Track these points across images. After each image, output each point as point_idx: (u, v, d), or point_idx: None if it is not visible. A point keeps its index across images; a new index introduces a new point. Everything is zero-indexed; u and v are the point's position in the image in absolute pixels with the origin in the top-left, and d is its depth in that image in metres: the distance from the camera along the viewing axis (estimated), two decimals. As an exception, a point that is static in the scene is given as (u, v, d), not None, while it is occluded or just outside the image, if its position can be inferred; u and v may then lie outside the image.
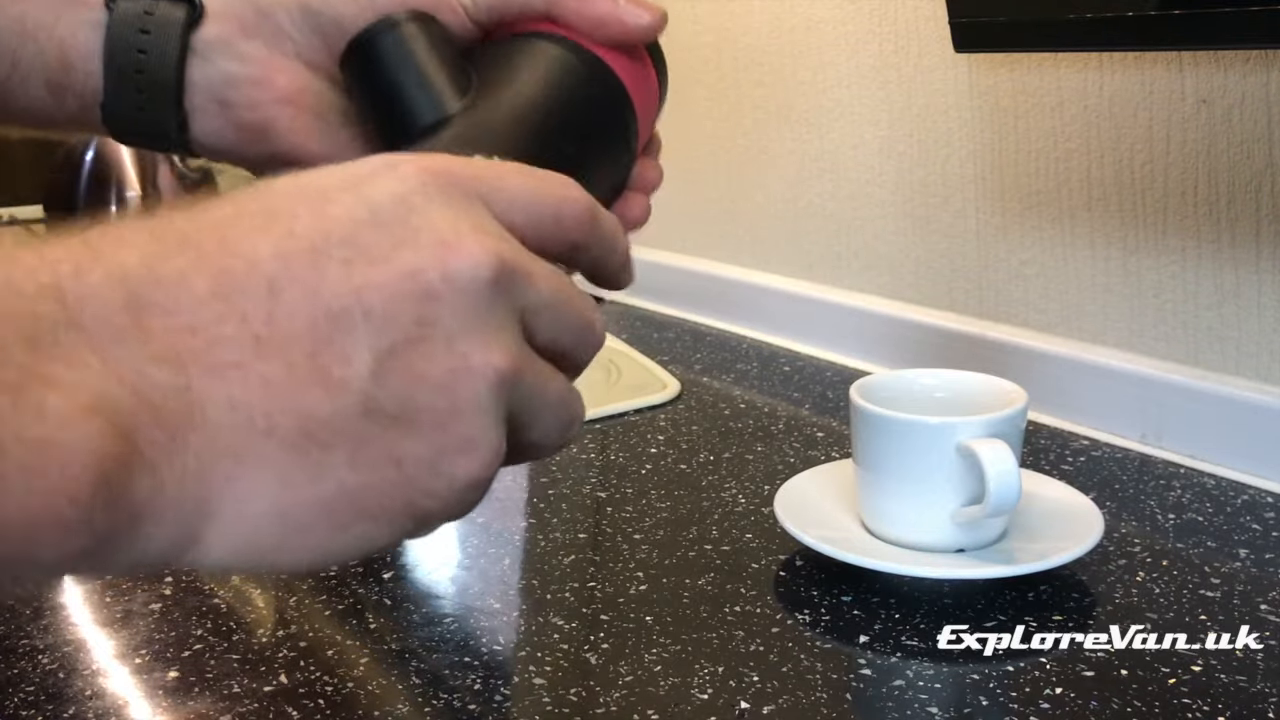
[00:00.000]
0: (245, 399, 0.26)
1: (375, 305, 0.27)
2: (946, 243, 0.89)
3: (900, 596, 0.56)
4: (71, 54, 0.46)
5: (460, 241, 0.29)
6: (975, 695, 0.48)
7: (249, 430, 0.26)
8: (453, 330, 0.28)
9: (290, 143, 0.47)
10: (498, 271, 0.29)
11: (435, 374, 0.28)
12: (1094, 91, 0.76)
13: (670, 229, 1.17)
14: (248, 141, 0.48)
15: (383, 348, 0.27)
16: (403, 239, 0.28)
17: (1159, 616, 0.53)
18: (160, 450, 0.25)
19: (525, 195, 0.32)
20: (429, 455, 0.28)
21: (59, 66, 0.46)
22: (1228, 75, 0.68)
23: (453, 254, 0.28)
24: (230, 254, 0.27)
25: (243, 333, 0.26)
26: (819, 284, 1.01)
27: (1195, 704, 0.47)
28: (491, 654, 0.53)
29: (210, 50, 0.46)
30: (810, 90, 0.98)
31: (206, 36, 0.46)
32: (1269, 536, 0.62)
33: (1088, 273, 0.79)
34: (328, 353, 0.27)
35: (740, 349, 1.02)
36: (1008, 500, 0.53)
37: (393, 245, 0.28)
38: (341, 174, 0.30)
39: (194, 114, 0.47)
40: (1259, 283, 0.70)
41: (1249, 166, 0.69)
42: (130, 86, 0.46)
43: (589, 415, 0.83)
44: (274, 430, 0.26)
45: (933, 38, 0.86)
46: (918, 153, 0.90)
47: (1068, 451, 0.75)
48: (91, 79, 0.46)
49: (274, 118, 0.47)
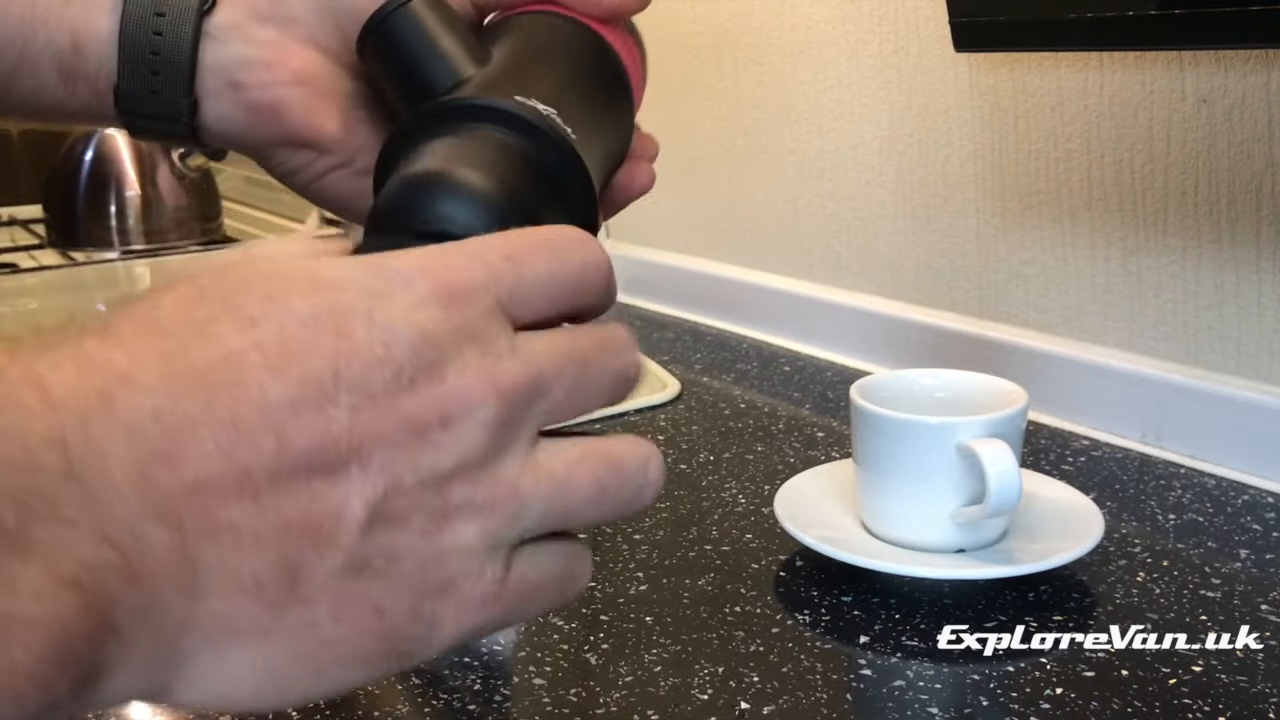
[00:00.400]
0: (236, 560, 0.26)
1: (374, 456, 0.27)
2: (946, 243, 0.89)
3: (900, 597, 0.56)
4: (84, 38, 0.47)
5: (464, 381, 0.28)
6: (975, 695, 0.48)
7: (236, 591, 0.26)
8: (446, 476, 0.28)
9: (303, 123, 0.48)
10: (499, 410, 0.28)
11: (421, 522, 0.27)
12: (1094, 91, 0.76)
13: (670, 229, 1.17)
14: (259, 123, 0.48)
15: (375, 499, 0.27)
16: (412, 380, 0.28)
17: (1159, 616, 0.53)
18: (136, 615, 0.25)
19: (545, 277, 0.31)
20: (410, 603, 0.28)
21: (70, 51, 0.47)
22: (1228, 75, 0.68)
23: (454, 400, 0.28)
24: (242, 400, 0.26)
25: (245, 490, 0.26)
26: (819, 284, 1.01)
27: (1195, 704, 0.47)
28: (491, 654, 0.53)
29: (223, 34, 0.47)
30: (810, 90, 0.98)
31: (220, 22, 0.47)
32: (1269, 537, 0.62)
33: (1088, 273, 0.79)
34: (322, 507, 0.26)
35: (740, 349, 1.02)
36: (1008, 500, 0.53)
37: (400, 389, 0.27)
38: (357, 283, 0.29)
39: (206, 97, 0.47)
40: (1259, 283, 0.70)
41: (1249, 166, 0.69)
42: (145, 69, 0.47)
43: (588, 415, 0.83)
44: (262, 591, 0.26)
45: (933, 38, 0.86)
46: (918, 153, 0.90)
47: (1068, 451, 0.75)
48: (104, 63, 0.47)
49: (286, 98, 0.47)
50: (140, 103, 0.47)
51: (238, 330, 0.27)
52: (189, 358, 0.27)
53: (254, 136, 0.49)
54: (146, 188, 1.55)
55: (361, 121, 0.49)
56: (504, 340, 0.29)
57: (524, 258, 0.31)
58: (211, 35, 0.47)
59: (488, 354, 0.29)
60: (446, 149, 0.46)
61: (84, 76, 0.47)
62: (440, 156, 0.45)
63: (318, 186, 0.50)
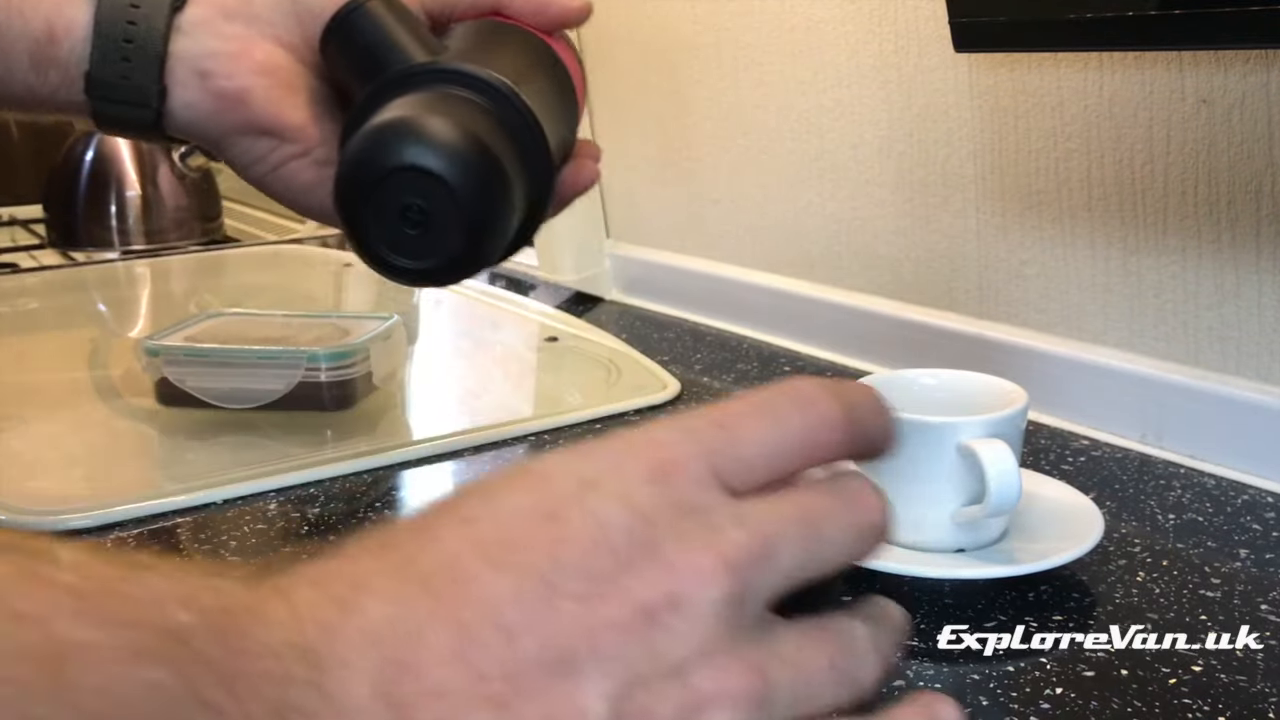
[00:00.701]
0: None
1: (607, 646, 0.26)
2: (946, 243, 0.89)
3: (900, 596, 0.56)
4: (58, 27, 0.49)
5: (688, 561, 0.27)
6: (975, 695, 0.48)
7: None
8: (686, 662, 0.26)
9: (265, 111, 0.51)
10: (730, 584, 0.27)
11: (667, 713, 0.26)
12: (1094, 91, 0.76)
13: (670, 229, 1.17)
14: (224, 110, 0.51)
15: (615, 693, 0.26)
16: (630, 562, 0.27)
17: (1159, 616, 0.53)
18: None
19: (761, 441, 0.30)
20: None
21: (45, 39, 0.49)
22: (1228, 75, 0.68)
23: (681, 580, 0.27)
24: (466, 599, 0.26)
25: (480, 692, 0.25)
26: (819, 284, 1.01)
27: (1195, 704, 0.47)
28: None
29: (193, 29, 0.50)
30: (810, 90, 0.98)
31: (190, 17, 0.50)
32: (1269, 536, 0.62)
33: (1088, 273, 0.79)
34: (562, 705, 0.26)
35: (740, 349, 1.02)
36: (1008, 500, 0.53)
37: (621, 571, 0.27)
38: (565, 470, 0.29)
39: (174, 85, 0.50)
40: (1259, 283, 0.70)
41: (1249, 166, 0.69)
42: (117, 56, 0.49)
43: (587, 416, 0.83)
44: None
45: (933, 38, 0.86)
46: (918, 153, 0.90)
47: (1068, 451, 0.75)
48: (77, 50, 0.50)
49: (250, 87, 0.50)
50: (111, 89, 0.50)
51: (454, 531, 0.27)
52: (414, 564, 0.27)
53: (218, 124, 0.51)
54: (147, 188, 1.55)
55: (322, 115, 0.52)
56: (723, 510, 0.28)
57: (736, 423, 0.30)
58: (182, 30, 0.50)
59: (707, 526, 0.28)
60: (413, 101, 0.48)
61: (56, 63, 0.50)
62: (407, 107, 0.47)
63: (277, 176, 0.53)
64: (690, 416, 0.30)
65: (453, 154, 0.45)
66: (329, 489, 0.72)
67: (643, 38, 1.11)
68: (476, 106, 0.47)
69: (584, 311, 1.16)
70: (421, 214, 0.45)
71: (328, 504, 0.70)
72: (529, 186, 0.49)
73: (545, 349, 1.04)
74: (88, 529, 0.66)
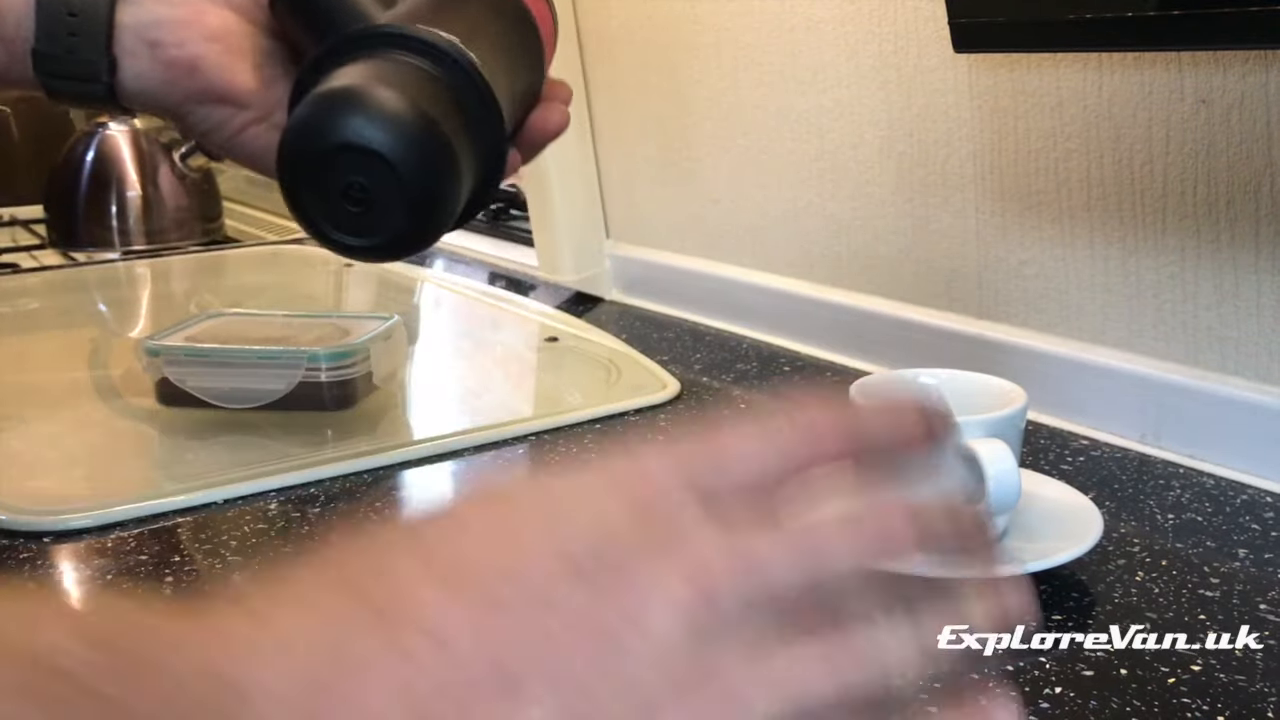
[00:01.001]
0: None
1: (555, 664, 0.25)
2: (946, 243, 0.89)
3: (900, 596, 0.56)
4: (1, 4, 0.48)
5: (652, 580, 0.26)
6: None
7: None
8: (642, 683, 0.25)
9: (218, 78, 0.49)
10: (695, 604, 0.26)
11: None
12: (1094, 91, 0.76)
13: (670, 229, 1.17)
14: (176, 79, 0.49)
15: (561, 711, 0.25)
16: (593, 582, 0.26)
17: (1159, 616, 0.53)
18: None
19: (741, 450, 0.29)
20: None
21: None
22: (1227, 75, 0.68)
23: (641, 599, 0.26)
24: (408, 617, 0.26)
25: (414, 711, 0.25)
26: (819, 284, 1.01)
27: (1195, 704, 0.47)
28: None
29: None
30: (810, 90, 0.98)
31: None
32: (1268, 536, 0.62)
33: (1087, 273, 0.79)
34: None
35: (740, 349, 1.02)
36: (1008, 500, 0.53)
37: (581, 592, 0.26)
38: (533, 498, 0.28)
39: (123, 56, 0.49)
40: (1258, 283, 0.70)
41: (1248, 166, 0.69)
42: (63, 30, 0.48)
43: (587, 415, 0.83)
44: None
45: (933, 38, 0.86)
46: (918, 153, 0.90)
47: (1067, 451, 0.75)
48: (22, 26, 0.48)
49: (202, 54, 0.49)
50: (59, 64, 0.48)
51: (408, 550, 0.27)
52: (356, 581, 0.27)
53: (171, 94, 0.50)
54: (147, 188, 1.55)
55: (277, 78, 0.51)
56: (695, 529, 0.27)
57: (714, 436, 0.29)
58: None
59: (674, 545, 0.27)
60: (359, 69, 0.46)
61: (3, 40, 0.48)
62: (353, 76, 0.46)
63: (236, 142, 0.51)
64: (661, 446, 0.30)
65: (396, 130, 0.43)
66: (329, 489, 0.72)
67: (643, 37, 1.11)
68: (424, 73, 0.45)
69: (584, 312, 1.16)
70: (364, 192, 0.44)
71: (328, 504, 0.70)
72: (479, 156, 0.47)
73: (545, 349, 1.04)
74: (88, 529, 0.66)
